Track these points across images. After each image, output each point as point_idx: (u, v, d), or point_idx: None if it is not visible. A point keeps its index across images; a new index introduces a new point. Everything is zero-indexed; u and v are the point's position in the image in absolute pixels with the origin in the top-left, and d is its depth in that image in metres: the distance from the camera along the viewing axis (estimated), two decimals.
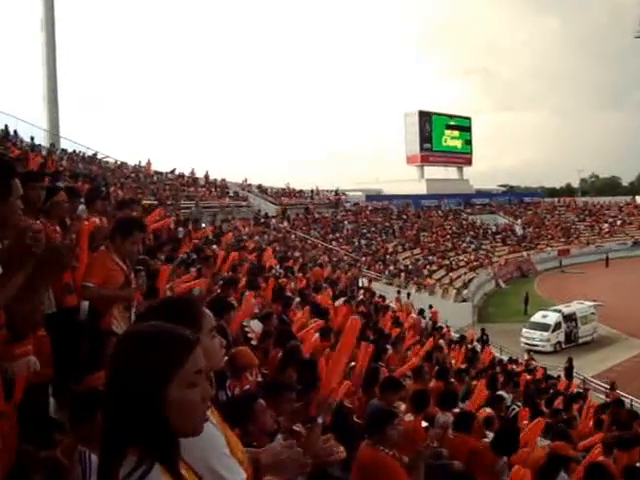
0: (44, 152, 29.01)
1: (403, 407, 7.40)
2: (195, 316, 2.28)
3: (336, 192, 58.58)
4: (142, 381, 1.65)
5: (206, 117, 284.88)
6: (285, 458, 2.39)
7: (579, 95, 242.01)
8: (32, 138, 31.80)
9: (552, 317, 33.87)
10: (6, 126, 30.32)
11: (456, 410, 8.45)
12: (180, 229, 16.34)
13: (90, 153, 37.36)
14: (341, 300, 16.88)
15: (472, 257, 51.31)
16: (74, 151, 36.25)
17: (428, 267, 45.19)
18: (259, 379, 6.34)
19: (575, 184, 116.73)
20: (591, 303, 36.55)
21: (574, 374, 24.81)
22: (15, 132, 30.58)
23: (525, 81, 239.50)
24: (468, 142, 77.28)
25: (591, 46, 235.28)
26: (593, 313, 35.77)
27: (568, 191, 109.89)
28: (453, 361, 15.70)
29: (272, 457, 2.42)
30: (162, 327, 1.78)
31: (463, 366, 14.52)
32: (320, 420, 4.23)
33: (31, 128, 34.87)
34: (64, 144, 38.91)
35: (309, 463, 2.59)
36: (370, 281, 31.64)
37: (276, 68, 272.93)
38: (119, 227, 5.38)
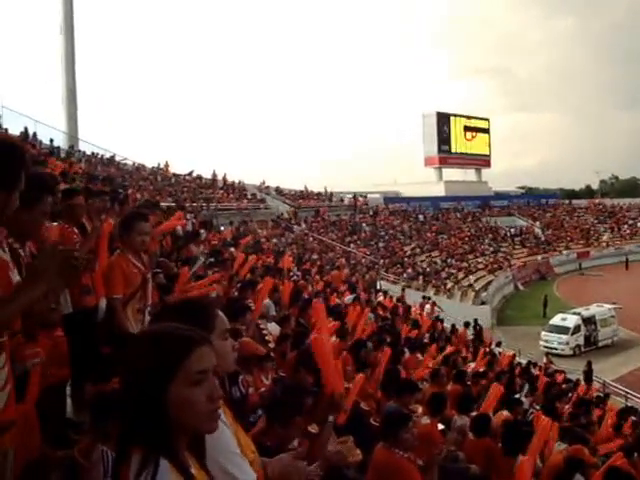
0: (63, 154, 29.30)
1: (420, 410, 7.39)
2: (208, 318, 2.32)
3: (354, 196, 58.39)
4: (144, 379, 1.70)
5: (225, 119, 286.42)
6: (291, 469, 2.39)
7: (598, 95, 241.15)
8: (51, 140, 32.10)
9: (571, 320, 33.58)
10: (26, 128, 30.59)
11: (473, 413, 8.43)
12: (202, 231, 16.38)
13: (108, 155, 37.66)
14: (350, 297, 16.96)
15: (491, 259, 51.10)
16: (92, 153, 36.54)
17: (446, 270, 45.02)
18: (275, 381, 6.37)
19: (595, 185, 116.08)
20: (611, 306, 36.20)
21: (593, 378, 24.63)
22: (34, 134, 30.83)
23: (543, 81, 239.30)
24: (486, 143, 76.92)
25: (609, 45, 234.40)
26: (613, 316, 35.39)
27: (587, 193, 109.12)
28: (472, 364, 15.63)
29: (279, 467, 2.42)
30: (166, 327, 1.83)
31: (481, 369, 14.42)
32: (331, 419, 4.24)
33: (50, 130, 35.20)
34: (82, 146, 39.27)
35: (318, 474, 2.60)
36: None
37: (292, 71, 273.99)
38: (121, 224, 5.43)
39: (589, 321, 34.11)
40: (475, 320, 28.39)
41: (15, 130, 29.52)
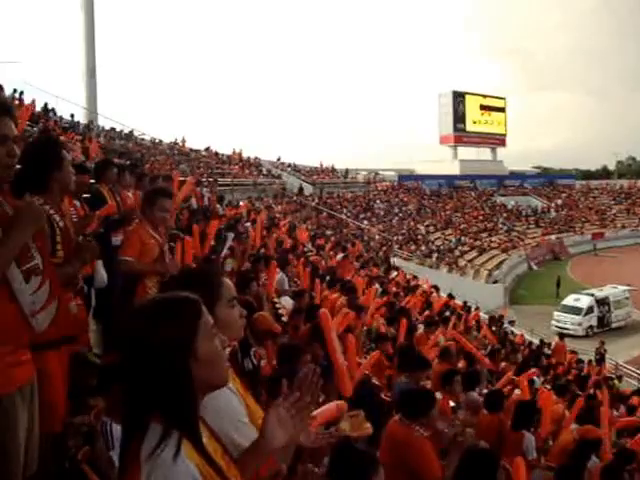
0: (82, 129, 29.49)
1: (429, 386, 7.43)
2: (213, 285, 2.34)
3: (369, 177, 58.22)
4: (169, 341, 1.66)
5: (243, 97, 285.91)
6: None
7: (616, 76, 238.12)
8: (72, 115, 32.39)
9: (584, 301, 33.50)
10: (45, 104, 30.69)
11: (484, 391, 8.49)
12: (218, 206, 16.45)
13: (127, 130, 37.83)
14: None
15: (504, 239, 50.87)
16: (111, 128, 36.72)
17: (460, 248, 44.92)
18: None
19: (611, 166, 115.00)
20: (625, 287, 36.06)
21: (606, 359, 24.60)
22: (54, 109, 30.95)
23: (561, 61, 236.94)
24: (502, 123, 76.35)
25: (630, 26, 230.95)
26: (627, 298, 35.30)
27: (604, 173, 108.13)
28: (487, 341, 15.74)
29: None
30: (171, 293, 1.81)
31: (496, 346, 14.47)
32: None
33: (70, 106, 35.33)
34: (101, 121, 39.41)
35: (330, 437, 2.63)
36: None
37: (311, 47, 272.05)
38: (146, 198, 5.47)
39: (602, 302, 33.99)
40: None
41: (37, 105, 29.71)
